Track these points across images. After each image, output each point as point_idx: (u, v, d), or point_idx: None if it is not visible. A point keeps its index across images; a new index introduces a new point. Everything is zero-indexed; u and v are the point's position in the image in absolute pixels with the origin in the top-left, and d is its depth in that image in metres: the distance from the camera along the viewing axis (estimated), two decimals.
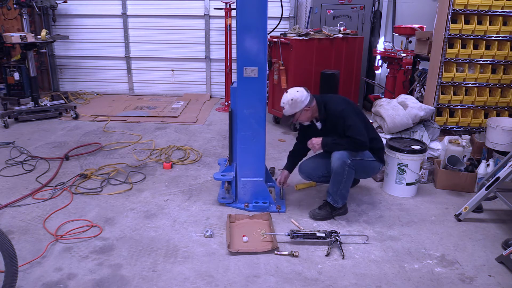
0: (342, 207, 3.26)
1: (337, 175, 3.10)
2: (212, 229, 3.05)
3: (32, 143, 4.86)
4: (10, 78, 6.22)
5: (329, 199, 3.21)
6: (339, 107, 3.10)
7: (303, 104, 3.05)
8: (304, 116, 3.14)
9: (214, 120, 6.07)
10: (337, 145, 3.09)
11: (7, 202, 3.41)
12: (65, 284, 2.46)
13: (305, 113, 3.11)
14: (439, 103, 4.70)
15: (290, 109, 3.09)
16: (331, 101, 3.19)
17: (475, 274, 2.61)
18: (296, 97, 3.05)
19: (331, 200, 3.19)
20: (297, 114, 3.11)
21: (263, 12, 2.99)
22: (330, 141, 3.11)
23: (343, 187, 3.14)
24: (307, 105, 3.07)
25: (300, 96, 3.05)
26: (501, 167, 3.22)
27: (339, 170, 3.06)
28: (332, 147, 3.12)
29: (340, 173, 3.08)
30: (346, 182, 3.13)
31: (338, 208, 3.23)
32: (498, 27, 4.45)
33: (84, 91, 7.61)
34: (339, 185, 3.13)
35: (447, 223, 3.24)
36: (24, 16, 5.77)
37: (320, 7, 6.60)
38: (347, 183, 3.15)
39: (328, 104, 3.15)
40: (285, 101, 3.10)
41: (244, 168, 3.35)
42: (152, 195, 3.64)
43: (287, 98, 3.08)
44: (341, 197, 3.18)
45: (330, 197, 3.19)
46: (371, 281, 2.53)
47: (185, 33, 7.33)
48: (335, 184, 3.15)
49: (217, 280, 2.52)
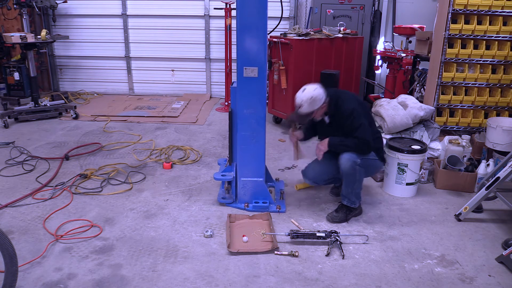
0: (358, 208, 3.28)
1: (349, 175, 3.11)
2: (212, 229, 3.05)
3: (32, 143, 4.86)
4: (10, 78, 6.22)
5: (345, 202, 3.22)
6: (350, 106, 3.07)
7: (321, 101, 3.02)
8: (319, 113, 3.10)
9: (214, 120, 6.07)
10: (344, 146, 3.09)
11: (7, 202, 3.41)
12: (65, 284, 2.46)
13: (321, 110, 3.08)
14: (439, 103, 4.70)
15: (309, 107, 3.01)
16: (343, 97, 3.14)
17: (475, 274, 2.61)
18: (315, 95, 2.99)
19: (347, 202, 3.21)
20: (315, 112, 3.05)
21: (263, 12, 2.99)
22: (337, 141, 3.11)
23: (357, 187, 3.18)
24: (324, 101, 3.05)
25: (318, 93, 3.01)
26: (501, 167, 3.22)
27: (350, 171, 3.08)
28: (339, 147, 3.11)
29: (352, 173, 3.09)
30: (359, 181, 3.17)
31: (354, 209, 3.25)
32: (498, 27, 4.45)
33: (84, 91, 7.61)
34: (353, 185, 3.15)
35: (447, 223, 3.24)
36: (24, 16, 5.77)
37: (320, 7, 6.60)
38: (360, 182, 3.19)
39: (339, 101, 3.11)
40: (304, 99, 2.99)
41: (244, 168, 3.35)
42: (152, 195, 3.64)
43: (307, 96, 2.99)
44: (357, 196, 3.21)
45: (345, 199, 3.21)
46: (371, 281, 2.53)
47: (185, 33, 7.33)
48: (348, 185, 3.17)
49: (217, 280, 2.52)
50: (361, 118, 3.06)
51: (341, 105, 3.09)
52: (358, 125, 3.03)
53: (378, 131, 3.39)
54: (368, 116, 3.21)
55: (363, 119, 3.07)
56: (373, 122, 3.30)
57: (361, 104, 3.21)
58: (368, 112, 3.25)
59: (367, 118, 3.16)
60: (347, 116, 3.05)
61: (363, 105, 3.24)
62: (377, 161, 3.26)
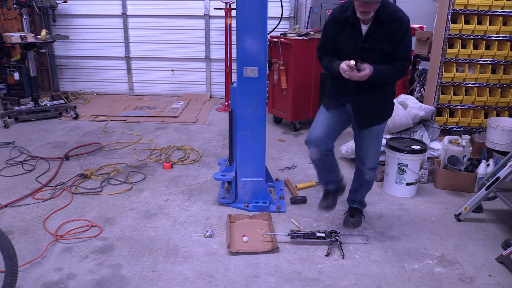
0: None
1: (369, 184, 3.06)
2: (212, 229, 3.05)
3: (32, 143, 4.86)
4: (10, 78, 6.21)
5: (356, 205, 3.18)
6: (406, 15, 2.47)
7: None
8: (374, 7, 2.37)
9: (214, 120, 6.07)
10: (386, 75, 2.55)
11: (7, 202, 3.41)
12: (65, 284, 2.46)
13: (377, 4, 2.37)
14: (439, 103, 4.70)
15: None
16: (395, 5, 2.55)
17: (475, 274, 2.61)
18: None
19: (358, 205, 3.18)
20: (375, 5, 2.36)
21: (263, 12, 2.99)
22: (382, 70, 2.50)
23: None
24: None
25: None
26: (501, 167, 3.22)
27: (372, 181, 3.04)
28: (380, 78, 2.54)
29: (372, 182, 3.06)
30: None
31: (363, 210, 3.26)
32: (498, 27, 4.45)
33: (84, 91, 7.61)
34: (368, 190, 3.14)
35: (447, 223, 3.24)
36: (24, 16, 5.76)
37: (320, 7, 6.60)
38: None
39: (391, 6, 2.48)
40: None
41: (244, 168, 3.35)
42: (152, 195, 3.64)
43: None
44: (364, 198, 3.21)
45: (356, 203, 3.18)
46: (371, 281, 2.53)
47: (185, 33, 7.33)
48: (365, 192, 3.14)
49: (217, 280, 2.52)
50: (410, 34, 2.49)
51: (394, 12, 2.44)
52: (408, 44, 2.50)
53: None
54: None
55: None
56: None
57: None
58: None
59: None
60: (399, 27, 2.43)
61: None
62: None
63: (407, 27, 2.46)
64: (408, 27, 2.46)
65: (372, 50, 2.52)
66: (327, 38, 2.67)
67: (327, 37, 2.67)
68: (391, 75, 2.58)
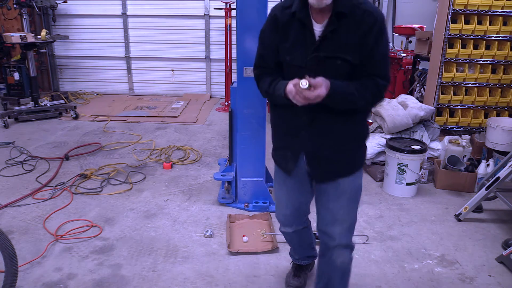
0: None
1: (346, 274, 2.01)
2: (212, 229, 3.05)
3: (32, 143, 4.86)
4: (10, 78, 6.21)
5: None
6: (379, 11, 1.70)
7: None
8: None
9: (214, 120, 6.07)
10: (350, 96, 1.66)
11: (7, 202, 3.41)
12: (65, 284, 2.46)
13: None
14: (439, 103, 4.70)
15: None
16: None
17: (475, 274, 2.61)
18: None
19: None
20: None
21: (263, 12, 2.99)
22: (343, 88, 1.64)
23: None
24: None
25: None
26: (501, 167, 3.22)
27: (349, 267, 1.99)
28: (342, 100, 1.67)
29: (349, 270, 2.01)
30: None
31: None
32: (498, 27, 4.45)
33: (84, 91, 7.60)
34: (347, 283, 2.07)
35: (447, 223, 3.24)
36: (24, 16, 5.77)
37: None
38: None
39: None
40: None
41: (244, 168, 3.35)
42: (152, 195, 3.64)
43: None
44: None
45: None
46: (371, 281, 2.53)
47: (185, 33, 7.33)
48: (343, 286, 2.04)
49: (217, 280, 2.52)
50: (387, 39, 1.71)
51: (363, 3, 1.65)
52: (384, 52, 1.71)
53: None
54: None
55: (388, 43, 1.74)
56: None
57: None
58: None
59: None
60: (376, 28, 1.63)
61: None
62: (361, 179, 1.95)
63: (382, 27, 1.65)
64: (383, 27, 1.65)
65: (331, 60, 1.67)
66: (265, 49, 1.89)
67: (264, 47, 1.89)
68: (358, 98, 1.67)
